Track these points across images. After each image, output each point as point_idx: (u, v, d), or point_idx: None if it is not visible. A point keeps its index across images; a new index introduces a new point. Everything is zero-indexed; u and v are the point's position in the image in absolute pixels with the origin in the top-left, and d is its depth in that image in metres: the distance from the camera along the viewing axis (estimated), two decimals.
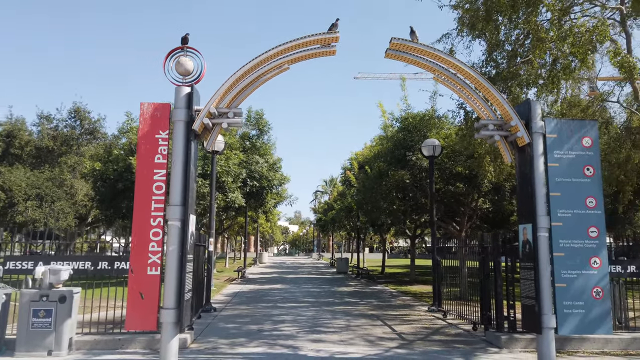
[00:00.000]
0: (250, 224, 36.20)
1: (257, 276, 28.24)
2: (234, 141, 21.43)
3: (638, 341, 8.59)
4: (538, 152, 7.52)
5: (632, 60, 8.62)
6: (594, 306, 7.24)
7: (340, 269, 32.49)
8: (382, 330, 10.42)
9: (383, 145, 17.40)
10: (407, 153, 15.48)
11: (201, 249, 11.51)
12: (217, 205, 19.98)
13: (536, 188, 7.39)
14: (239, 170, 20.88)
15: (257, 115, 22.93)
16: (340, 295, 17.71)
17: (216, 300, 15.57)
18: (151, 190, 7.05)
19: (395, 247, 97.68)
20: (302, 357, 7.80)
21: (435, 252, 13.45)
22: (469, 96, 7.95)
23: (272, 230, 66.23)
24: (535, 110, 7.62)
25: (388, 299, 16.55)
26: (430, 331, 10.36)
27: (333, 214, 36.48)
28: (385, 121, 17.36)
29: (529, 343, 8.53)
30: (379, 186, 16.45)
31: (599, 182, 7.66)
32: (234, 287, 20.35)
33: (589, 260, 7.36)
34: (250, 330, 10.24)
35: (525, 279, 7.57)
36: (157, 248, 6.94)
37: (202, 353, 8.02)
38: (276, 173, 23.38)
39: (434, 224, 13.79)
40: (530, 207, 7.42)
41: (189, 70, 7.35)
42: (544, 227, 7.31)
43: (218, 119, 7.30)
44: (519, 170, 7.95)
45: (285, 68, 7.53)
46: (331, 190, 42.03)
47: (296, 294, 18.16)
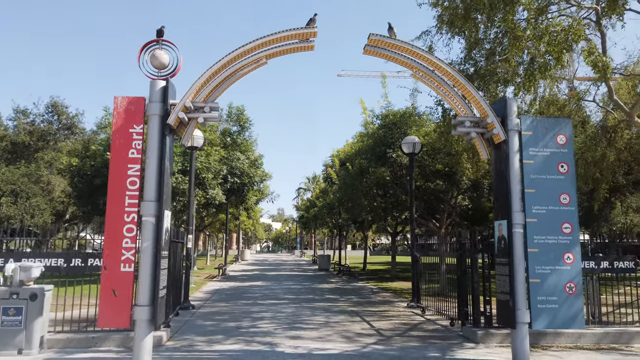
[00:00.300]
0: (231, 220, 35.99)
1: (238, 273, 28.09)
2: (214, 137, 21.24)
3: (610, 335, 8.75)
4: (514, 149, 7.59)
5: (606, 60, 8.76)
6: (567, 301, 7.35)
7: (322, 266, 32.52)
8: (360, 326, 10.44)
9: (364, 142, 17.42)
10: (388, 150, 15.53)
11: (179, 245, 11.38)
12: (197, 201, 19.80)
13: (511, 185, 7.46)
14: (220, 167, 20.71)
15: (238, 111, 22.77)
16: (320, 292, 17.71)
17: (195, 297, 15.42)
18: (125, 186, 6.93)
19: (378, 244, 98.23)
20: (279, 354, 7.76)
21: (414, 249, 13.54)
22: (447, 93, 7.99)
23: (255, 227, 66.00)
24: (511, 107, 7.69)
25: (368, 296, 16.60)
26: (408, 327, 10.41)
27: (315, 211, 36.45)
28: (366, 118, 17.40)
29: (504, 338, 8.63)
30: (360, 183, 16.48)
31: (573, 179, 7.77)
32: (214, 285, 20.20)
33: (563, 256, 7.47)
34: (228, 327, 10.16)
35: (500, 275, 7.64)
36: (131, 244, 6.82)
37: (177, 351, 7.93)
38: (257, 169, 23.26)
39: (413, 221, 13.87)
40: (505, 204, 7.49)
41: (164, 64, 7.23)
42: (519, 224, 7.39)
43: (194, 114, 7.20)
44: (494, 167, 8.03)
45: (263, 63, 7.46)
46: (314, 187, 42.04)
47: (277, 291, 18.11)
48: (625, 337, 8.75)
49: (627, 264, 9.40)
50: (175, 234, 10.77)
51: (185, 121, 7.20)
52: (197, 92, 7.17)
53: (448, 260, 11.69)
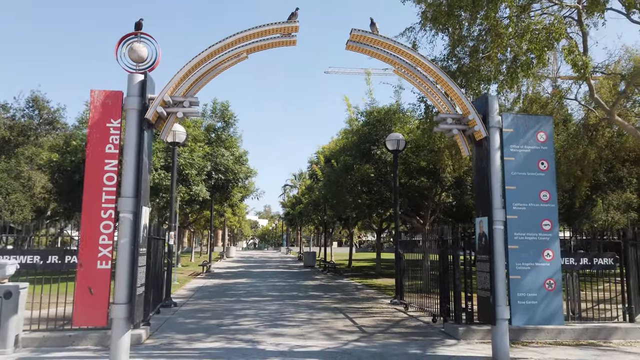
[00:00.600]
0: (216, 217, 35.75)
1: (223, 270, 27.92)
2: (198, 133, 21.03)
3: (589, 331, 8.85)
4: (495, 146, 7.62)
5: (585, 58, 8.83)
6: (546, 298, 7.40)
7: (307, 263, 32.50)
8: (343, 323, 10.42)
9: (348, 139, 17.40)
10: (372, 147, 15.51)
11: (160, 242, 11.23)
12: (181, 198, 19.61)
13: (492, 181, 7.49)
14: (204, 163, 20.52)
15: (222, 107, 22.56)
16: (305, 289, 17.67)
17: (178, 294, 15.27)
18: (102, 181, 6.79)
19: (364, 241, 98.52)
20: (260, 352, 7.69)
21: (397, 246, 13.55)
22: (429, 90, 7.97)
23: (240, 224, 65.69)
24: (492, 104, 7.71)
25: (352, 292, 16.61)
26: (391, 324, 10.42)
27: (301, 208, 36.39)
28: (350, 115, 17.36)
29: (485, 334, 8.67)
30: (344, 180, 16.45)
31: (553, 176, 7.82)
32: (198, 282, 20.03)
33: (543, 252, 7.52)
34: (209, 325, 10.07)
35: (481, 271, 7.67)
36: (108, 241, 6.70)
37: (157, 349, 7.82)
38: (242, 166, 23.09)
39: (397, 218, 13.88)
40: (486, 201, 7.51)
41: (143, 57, 7.10)
42: (499, 220, 7.42)
43: (173, 108, 7.08)
44: (476, 164, 8.04)
45: (244, 57, 7.37)
46: (300, 184, 41.93)
47: (261, 288, 18.03)
48: (604, 333, 8.86)
49: (607, 261, 9.50)
50: (156, 231, 10.63)
51: (164, 116, 7.08)
52: (176, 86, 7.06)
53: (432, 257, 11.73)
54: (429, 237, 11.09)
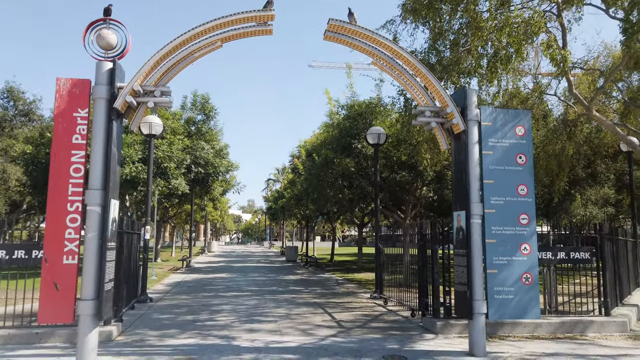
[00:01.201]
0: (197, 212, 35.33)
1: (203, 265, 27.62)
2: (177, 126, 20.67)
3: (566, 325, 8.88)
4: (473, 140, 7.54)
5: (564, 52, 8.80)
6: (523, 292, 7.38)
7: (289, 258, 32.37)
8: (321, 318, 10.31)
9: (329, 133, 17.24)
10: (353, 141, 15.40)
11: (134, 237, 10.96)
12: (160, 192, 19.26)
13: (470, 175, 7.41)
14: (183, 156, 20.18)
15: (203, 100, 22.20)
16: (285, 284, 17.54)
17: (155, 290, 15.01)
18: (68, 173, 6.54)
19: (348, 236, 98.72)
20: (234, 348, 7.53)
21: (377, 240, 13.48)
22: (408, 82, 7.86)
23: (223, 218, 65.19)
24: (470, 97, 7.63)
25: (333, 287, 16.53)
26: (370, 318, 10.34)
27: (283, 202, 36.19)
28: (331, 108, 17.18)
29: (463, 329, 8.63)
30: (325, 174, 16.32)
31: (531, 170, 7.79)
32: (177, 277, 19.75)
33: (520, 246, 7.49)
34: (184, 320, 9.86)
35: (458, 266, 7.61)
36: (75, 235, 6.46)
37: (128, 346, 7.60)
38: (223, 159, 22.79)
39: (377, 212, 13.80)
40: (464, 194, 7.44)
41: (112, 44, 6.84)
42: (477, 214, 7.36)
43: (143, 98, 6.84)
44: (454, 158, 7.97)
45: (218, 46, 7.15)
46: (283, 178, 41.67)
47: (240, 282, 17.83)
48: (580, 327, 8.90)
49: (584, 255, 9.54)
50: (130, 225, 10.37)
51: (134, 105, 6.83)
52: (147, 75, 6.81)
53: (411, 252, 11.68)
54: (409, 232, 11.03)
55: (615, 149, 22.12)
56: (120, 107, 6.63)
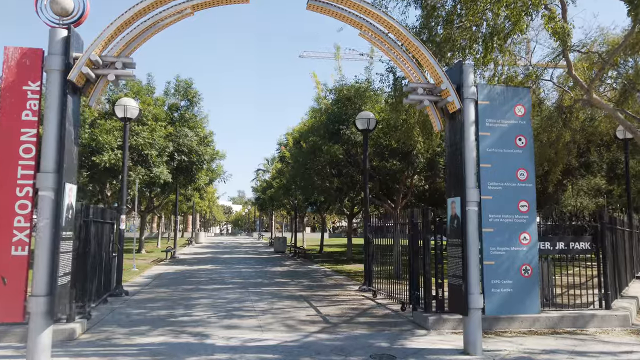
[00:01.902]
0: (183, 202, 34.53)
1: (188, 257, 26.90)
2: (159, 112, 19.83)
3: (566, 319, 8.34)
4: (469, 120, 6.91)
5: (567, 26, 8.19)
6: (522, 284, 6.81)
7: (277, 249, 31.73)
8: (306, 312, 9.70)
9: (317, 119, 16.52)
10: (341, 127, 14.72)
11: (106, 226, 10.25)
12: (140, 180, 18.48)
13: (466, 158, 6.79)
14: (165, 144, 19.38)
15: (185, 85, 21.33)
16: (271, 276, 16.92)
17: (134, 282, 14.31)
18: (17, 154, 5.80)
19: (338, 227, 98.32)
20: (207, 347, 6.89)
21: (366, 230, 12.88)
22: (399, 57, 7.19)
23: (211, 209, 64.32)
24: (467, 74, 6.98)
25: (320, 279, 15.94)
26: (358, 312, 9.75)
27: (272, 193, 35.51)
28: (319, 92, 16.46)
29: (457, 324, 8.07)
30: (312, 162, 15.63)
31: (531, 153, 7.19)
32: (159, 269, 19.03)
33: (519, 236, 6.90)
34: (158, 316, 9.19)
35: (452, 257, 7.01)
36: (25, 224, 5.74)
37: (90, 345, 6.92)
38: (207, 147, 22.00)
39: (367, 201, 13.18)
40: (459, 179, 6.83)
41: (67, 10, 6.09)
42: (473, 201, 6.75)
43: (103, 70, 6.11)
44: (448, 140, 7.34)
45: (189, 13, 6.42)
46: (272, 168, 40.86)
47: (225, 274, 17.18)
48: (581, 321, 8.37)
49: (583, 245, 9.01)
50: (100, 213, 9.65)
51: (93, 78, 6.10)
52: (107, 43, 6.07)
53: (402, 242, 11.10)
54: (399, 221, 10.42)
55: (610, 138, 21.67)
56: (76, 80, 5.89)
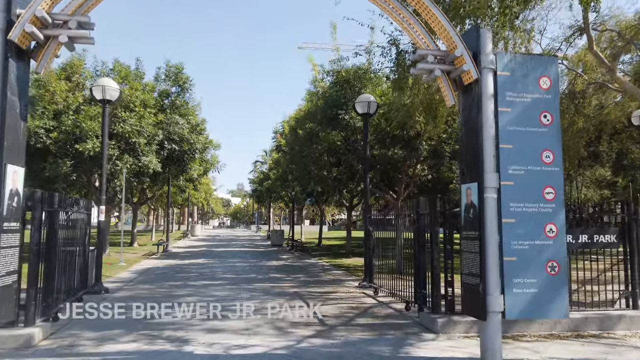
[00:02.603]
0: (177, 194, 33.54)
1: (182, 250, 25.98)
2: (148, 98, 18.80)
3: (590, 321, 7.45)
4: (487, 92, 5.93)
5: None
6: (548, 284, 5.85)
7: (274, 242, 30.80)
8: (300, 313, 8.71)
9: (313, 103, 15.50)
10: (340, 112, 13.71)
11: (80, 218, 9.30)
12: (127, 170, 17.51)
13: (484, 137, 5.82)
14: (155, 131, 18.37)
15: (176, 70, 20.26)
16: (266, 270, 16.00)
17: (118, 278, 13.40)
18: None
19: (338, 220, 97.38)
20: (184, 355, 6.00)
21: (367, 222, 11.94)
22: (406, 21, 6.20)
23: (208, 201, 63.29)
24: (485, 40, 5.99)
25: (318, 274, 15.02)
26: (357, 312, 8.84)
27: (269, 184, 34.55)
28: (315, 75, 15.44)
29: (469, 327, 7.17)
30: (309, 149, 14.64)
31: (558, 132, 6.21)
32: (149, 263, 18.12)
33: (544, 227, 5.93)
34: (136, 317, 8.22)
35: (468, 252, 6.06)
36: None
37: (49, 354, 5.99)
38: (199, 136, 20.97)
39: (367, 191, 12.22)
40: (476, 162, 5.87)
41: None
42: (492, 187, 5.79)
43: (53, 30, 5.12)
44: (463, 116, 6.36)
45: None
46: (269, 159, 39.82)
47: (217, 269, 16.26)
48: (608, 323, 7.47)
49: (609, 238, 8.07)
50: (71, 203, 8.69)
51: (42, 40, 5.11)
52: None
53: (406, 235, 10.17)
54: (403, 212, 9.47)
55: (621, 125, 20.69)
56: (19, 41, 4.91)
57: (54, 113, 17.49)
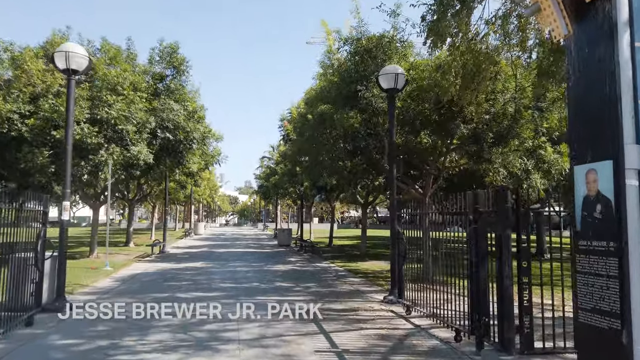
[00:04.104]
0: (178, 190, 31.42)
1: (181, 251, 23.83)
2: (138, 80, 16.61)
3: None
4: (622, 16, 3.63)
5: None
6: None
7: (281, 242, 28.54)
8: (314, 344, 6.54)
9: (327, 77, 13.16)
10: (359, 87, 11.41)
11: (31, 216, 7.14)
12: (114, 161, 15.36)
13: (620, 86, 3.53)
14: (146, 118, 16.20)
15: (170, 49, 18.02)
16: (271, 278, 13.78)
17: (94, 288, 11.29)
18: None
19: (346, 217, 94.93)
20: None
21: (394, 221, 9.66)
22: None
23: (213, 198, 61.14)
24: None
25: (332, 283, 12.78)
26: (390, 344, 6.59)
27: (276, 180, 32.35)
28: (329, 44, 13.05)
29: None
30: (321, 135, 12.36)
31: None
32: (139, 267, 15.98)
33: None
34: (89, 351, 6.08)
35: (592, 275, 3.75)
36: None
37: None
38: (197, 124, 18.74)
39: (393, 181, 9.93)
40: (605, 127, 3.58)
41: None
42: (634, 168, 3.50)
43: None
44: (577, 56, 4.05)
45: None
46: (276, 153, 37.55)
47: (215, 276, 14.06)
48: None
49: None
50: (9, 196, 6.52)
51: None
52: None
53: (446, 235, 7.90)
54: (451, 206, 7.17)
55: None
56: None
57: (31, 97, 15.39)
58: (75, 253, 20.85)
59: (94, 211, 19.43)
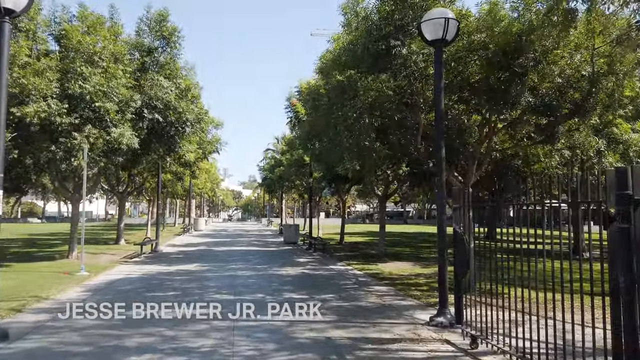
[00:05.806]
0: (175, 182, 28.90)
1: (175, 250, 21.35)
2: (120, 50, 14.09)
3: None
4: None
5: None
6: None
7: (288, 239, 25.96)
8: None
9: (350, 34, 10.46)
10: (394, 42, 8.78)
11: None
12: (91, 145, 12.88)
13: None
14: (129, 95, 13.70)
15: (159, 18, 15.48)
16: (278, 286, 11.28)
17: (55, 302, 8.89)
18: None
19: (353, 212, 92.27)
20: None
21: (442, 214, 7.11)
22: None
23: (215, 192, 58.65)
24: None
25: (355, 293, 10.28)
26: None
27: (281, 171, 29.85)
28: None
29: None
30: (340, 108, 9.69)
31: None
32: (122, 270, 13.55)
33: None
34: None
35: None
36: None
37: None
38: (191, 104, 16.20)
39: (442, 166, 7.37)
40: None
41: None
42: None
43: None
44: None
45: None
46: (281, 142, 34.86)
47: (210, 282, 11.58)
48: None
49: None
50: None
51: None
52: None
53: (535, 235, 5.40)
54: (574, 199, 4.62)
55: None
56: None
57: None
58: (55, 252, 18.50)
59: (73, 205, 16.96)
